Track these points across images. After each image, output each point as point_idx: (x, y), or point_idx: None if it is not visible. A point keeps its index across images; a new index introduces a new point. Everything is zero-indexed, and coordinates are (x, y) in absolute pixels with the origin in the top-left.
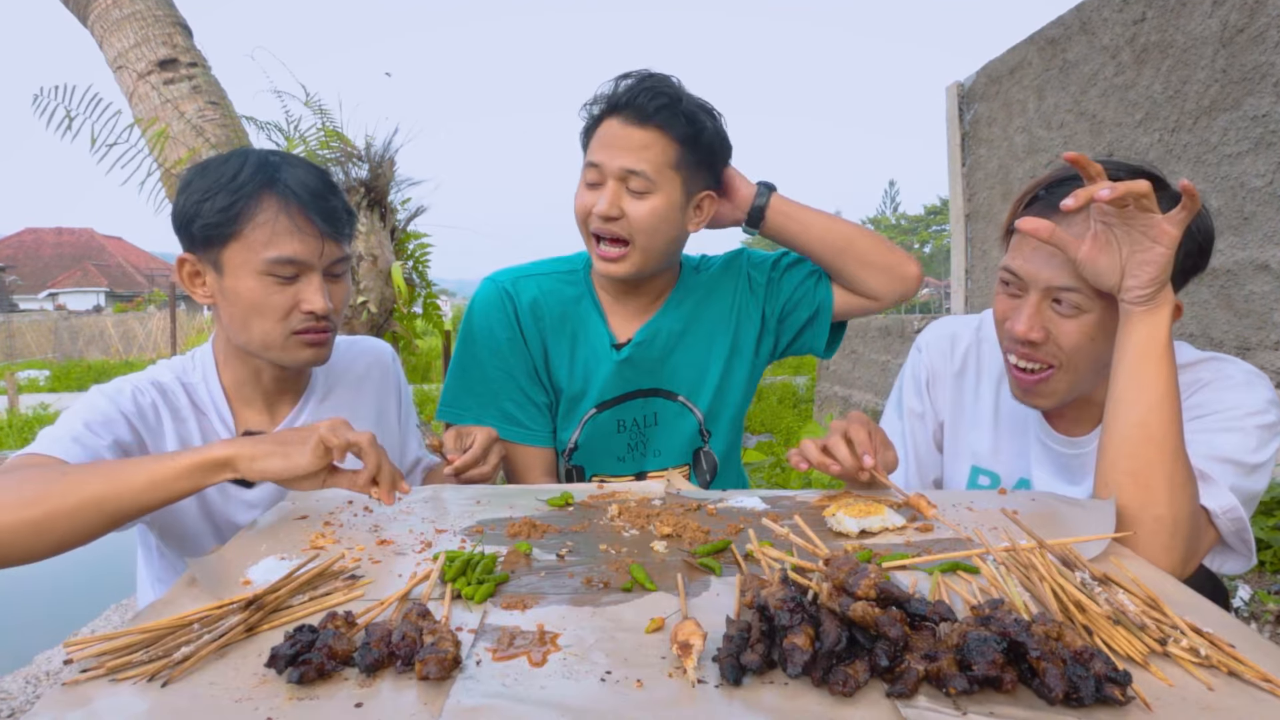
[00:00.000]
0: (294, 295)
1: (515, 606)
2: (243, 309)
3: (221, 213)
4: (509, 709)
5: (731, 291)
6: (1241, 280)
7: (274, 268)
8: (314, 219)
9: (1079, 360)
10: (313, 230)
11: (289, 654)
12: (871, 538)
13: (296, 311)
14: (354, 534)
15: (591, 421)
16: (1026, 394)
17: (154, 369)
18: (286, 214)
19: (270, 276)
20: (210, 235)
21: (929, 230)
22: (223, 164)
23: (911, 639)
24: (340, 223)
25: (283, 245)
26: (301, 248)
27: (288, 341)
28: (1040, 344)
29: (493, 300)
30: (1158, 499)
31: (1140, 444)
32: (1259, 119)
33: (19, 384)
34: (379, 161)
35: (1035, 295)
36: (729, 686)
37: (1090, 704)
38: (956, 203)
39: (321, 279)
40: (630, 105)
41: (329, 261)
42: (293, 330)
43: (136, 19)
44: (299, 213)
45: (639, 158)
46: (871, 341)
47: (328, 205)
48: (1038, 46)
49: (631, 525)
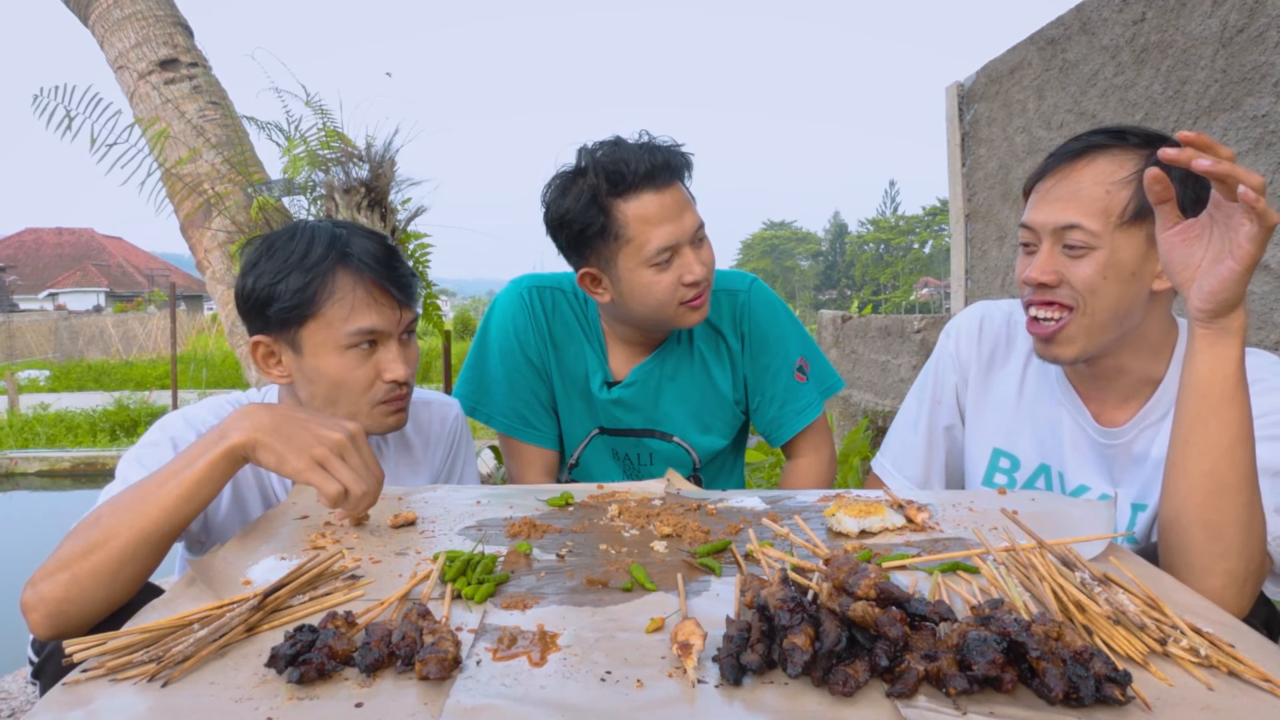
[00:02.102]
0: (375, 366)
1: (515, 606)
2: (326, 387)
3: (298, 293)
4: (509, 709)
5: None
6: None
7: (355, 339)
8: (389, 289)
9: (1094, 303)
10: (388, 300)
11: (289, 654)
12: (871, 538)
13: (379, 383)
14: (354, 534)
15: (594, 441)
16: (1047, 345)
17: (219, 400)
18: (363, 287)
19: (353, 350)
20: (287, 317)
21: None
22: (289, 242)
23: (911, 639)
24: (410, 288)
25: (363, 318)
26: (380, 319)
27: (373, 412)
28: (1054, 287)
29: (515, 304)
30: (1231, 551)
31: (1211, 494)
32: (1259, 119)
33: (19, 384)
34: (379, 161)
35: (1046, 241)
36: (729, 686)
37: (1090, 704)
38: (956, 203)
39: (397, 345)
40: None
41: (404, 325)
42: (377, 401)
43: (137, 19)
44: (374, 284)
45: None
46: (871, 341)
47: (397, 273)
48: (1037, 46)
49: (631, 525)
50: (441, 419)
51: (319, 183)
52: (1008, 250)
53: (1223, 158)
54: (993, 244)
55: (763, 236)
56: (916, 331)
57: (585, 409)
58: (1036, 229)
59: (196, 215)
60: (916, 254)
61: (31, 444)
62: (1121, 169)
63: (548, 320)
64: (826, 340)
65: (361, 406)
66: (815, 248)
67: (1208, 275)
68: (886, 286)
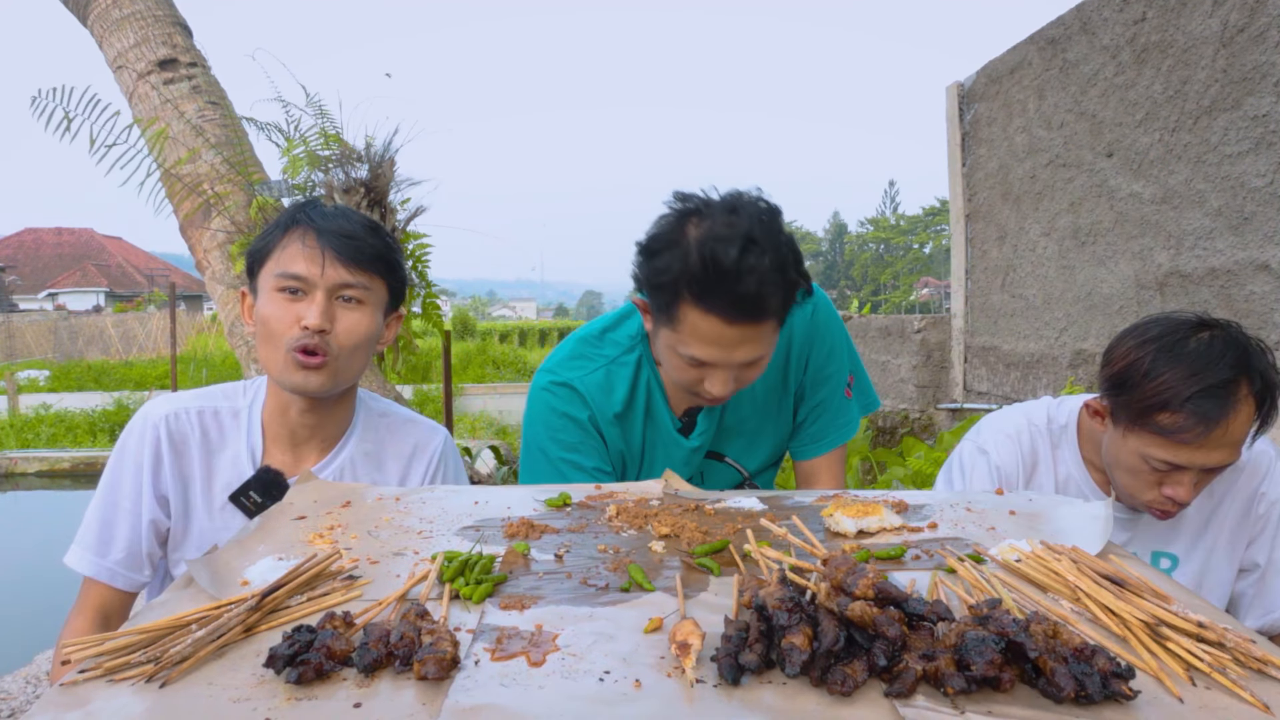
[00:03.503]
0: (296, 313)
1: (513, 607)
2: (260, 327)
3: (263, 240)
4: (507, 709)
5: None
6: (1242, 280)
7: (281, 282)
8: (327, 243)
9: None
10: (321, 252)
11: (287, 654)
12: (869, 538)
13: (296, 327)
14: (352, 534)
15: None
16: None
17: (206, 393)
18: (306, 239)
19: (280, 293)
20: (252, 264)
21: (928, 230)
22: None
23: (909, 639)
24: (357, 253)
25: (291, 264)
26: (305, 268)
27: (286, 361)
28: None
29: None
30: None
31: None
32: (1259, 119)
33: (19, 384)
34: (379, 162)
35: (1190, 474)
36: (727, 686)
37: (1100, 700)
38: (956, 203)
39: (325, 300)
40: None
41: (335, 284)
42: (289, 348)
43: (136, 19)
44: (314, 238)
45: None
46: (872, 341)
47: (347, 237)
48: (1038, 46)
49: (629, 525)
50: (422, 443)
51: (318, 183)
52: (1007, 250)
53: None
54: (993, 244)
55: None
56: (916, 331)
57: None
58: (1196, 467)
59: (196, 215)
60: (916, 254)
61: (31, 444)
62: (1249, 411)
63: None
64: None
65: (279, 349)
66: (815, 247)
67: None
68: (886, 286)
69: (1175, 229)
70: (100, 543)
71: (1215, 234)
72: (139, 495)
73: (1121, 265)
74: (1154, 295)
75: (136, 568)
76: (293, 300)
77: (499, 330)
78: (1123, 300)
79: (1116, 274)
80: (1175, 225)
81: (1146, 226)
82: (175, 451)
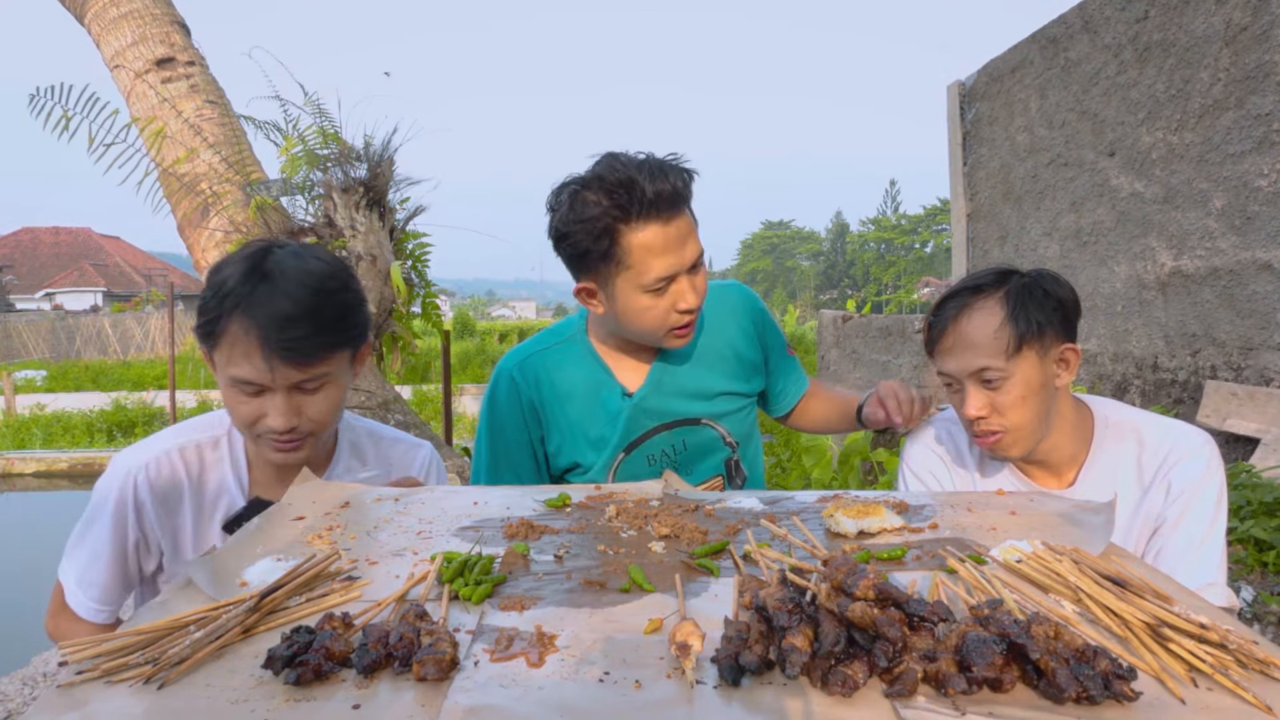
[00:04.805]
0: (259, 408)
1: (513, 608)
2: (225, 401)
3: (208, 322)
4: (507, 710)
5: (730, 313)
6: (1244, 280)
7: (236, 384)
8: (271, 346)
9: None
10: (266, 360)
11: (286, 655)
12: (870, 538)
13: (260, 423)
14: (351, 534)
15: (623, 464)
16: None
17: (181, 429)
18: (249, 338)
19: (235, 388)
20: (201, 336)
21: (929, 230)
22: (229, 265)
23: (910, 640)
24: (306, 349)
25: (239, 368)
26: (254, 373)
27: (260, 443)
28: (987, 417)
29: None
30: None
31: None
32: (1262, 118)
33: (16, 384)
34: (378, 161)
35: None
36: (727, 687)
37: (1101, 701)
38: (958, 202)
39: (287, 396)
40: None
41: (291, 382)
42: (258, 436)
43: (134, 17)
44: (256, 339)
45: None
46: (872, 341)
47: (289, 335)
48: (1039, 45)
49: (629, 526)
50: (408, 460)
51: (317, 182)
52: (1009, 250)
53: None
54: (994, 243)
55: (763, 236)
56: (917, 331)
57: (614, 431)
58: (956, 375)
59: (194, 214)
60: (918, 254)
61: (28, 444)
62: (992, 317)
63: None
64: (827, 340)
65: (250, 434)
66: (816, 247)
67: None
68: (888, 286)
69: (1177, 229)
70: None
71: (1218, 234)
72: (122, 550)
73: (1123, 265)
74: (1156, 295)
75: (112, 602)
76: (253, 396)
77: (498, 330)
78: (1124, 300)
79: (1118, 274)
80: (1177, 225)
81: (1148, 226)
82: (159, 498)
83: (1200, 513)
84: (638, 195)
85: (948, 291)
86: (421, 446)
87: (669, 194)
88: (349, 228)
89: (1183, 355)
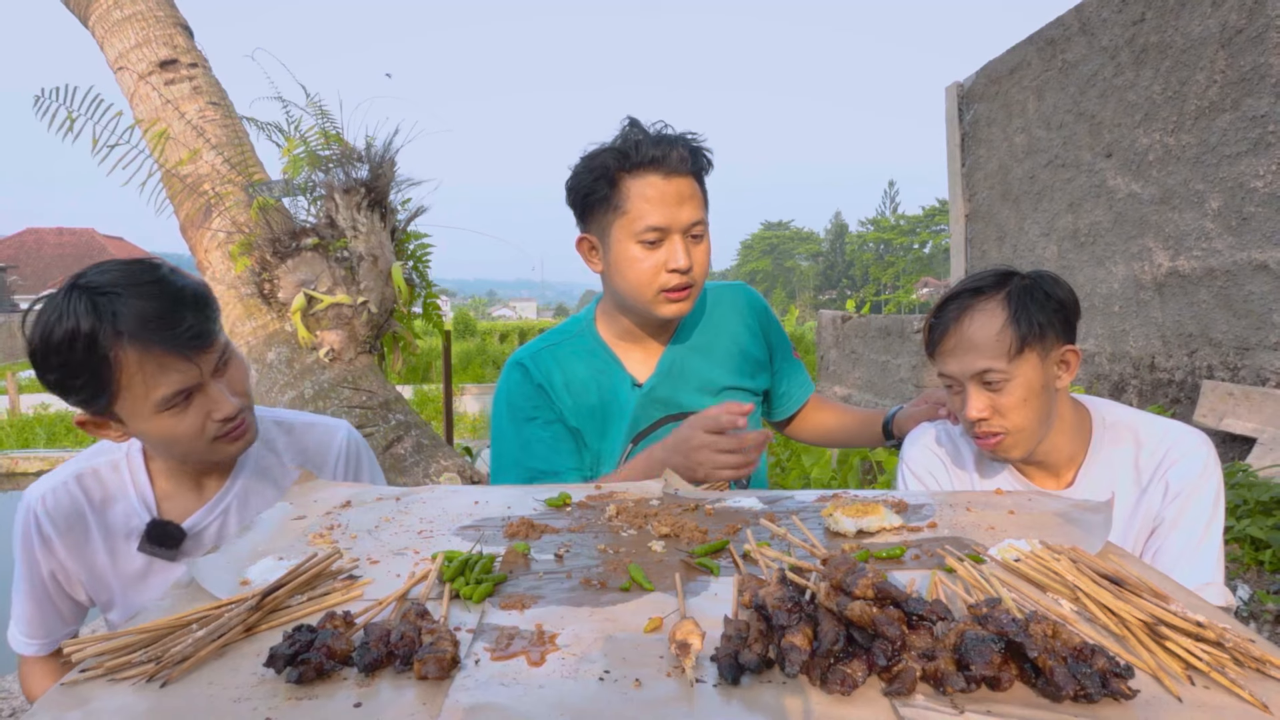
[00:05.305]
0: (200, 412)
1: (513, 606)
2: (158, 443)
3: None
4: (507, 709)
5: (736, 311)
6: (1241, 280)
7: (167, 404)
8: (179, 345)
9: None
10: (185, 356)
11: (288, 654)
12: (869, 538)
13: (209, 423)
14: (352, 534)
15: (631, 455)
16: (995, 452)
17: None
18: (149, 359)
19: (166, 411)
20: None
21: (928, 230)
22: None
23: (909, 638)
24: (202, 331)
25: (162, 387)
26: (180, 379)
27: (211, 448)
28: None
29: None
30: None
31: None
32: (1258, 119)
33: (20, 384)
34: (379, 162)
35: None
36: (727, 686)
37: (1099, 699)
38: (956, 203)
39: (215, 383)
40: None
41: (213, 367)
42: (212, 438)
43: (137, 20)
44: (161, 349)
45: None
46: (871, 341)
47: (178, 330)
48: (1037, 47)
49: (629, 525)
50: (324, 442)
51: (319, 183)
52: (1007, 250)
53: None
54: (993, 244)
55: (762, 236)
56: (916, 331)
57: (623, 420)
58: (957, 377)
59: (196, 215)
60: (917, 254)
61: (32, 444)
62: (994, 319)
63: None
64: (827, 340)
65: (198, 447)
66: (816, 248)
67: None
68: (888, 286)
69: (1174, 229)
70: (15, 617)
71: (1214, 234)
72: (40, 583)
73: (1120, 265)
74: (1153, 295)
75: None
76: (187, 405)
77: (499, 330)
78: (1122, 300)
79: (1115, 274)
80: (1174, 225)
81: (1145, 227)
82: (63, 529)
83: (1198, 513)
84: (642, 149)
85: (948, 293)
86: (339, 427)
87: (673, 156)
88: (350, 228)
89: (1179, 355)
